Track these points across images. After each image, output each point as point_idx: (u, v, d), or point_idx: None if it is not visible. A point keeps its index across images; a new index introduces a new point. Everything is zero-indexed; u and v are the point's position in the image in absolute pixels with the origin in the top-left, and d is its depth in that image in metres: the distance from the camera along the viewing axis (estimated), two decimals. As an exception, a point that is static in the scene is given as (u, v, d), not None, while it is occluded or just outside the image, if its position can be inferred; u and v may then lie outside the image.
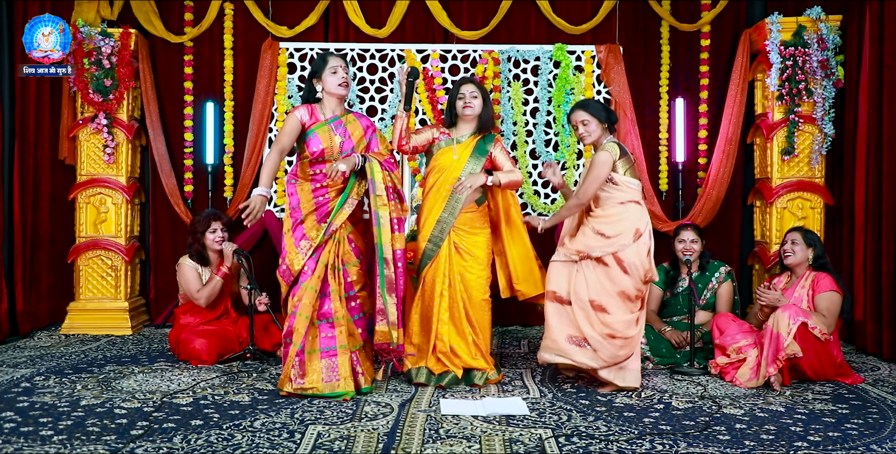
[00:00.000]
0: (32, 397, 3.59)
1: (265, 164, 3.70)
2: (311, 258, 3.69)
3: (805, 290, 4.08)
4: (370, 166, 3.72)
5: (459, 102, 3.98)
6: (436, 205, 3.97)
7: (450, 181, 3.95)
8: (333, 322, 3.68)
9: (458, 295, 3.92)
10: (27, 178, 5.33)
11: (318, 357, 3.65)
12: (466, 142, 4.01)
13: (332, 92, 3.80)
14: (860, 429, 3.17)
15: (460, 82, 4.05)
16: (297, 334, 3.62)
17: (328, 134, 3.77)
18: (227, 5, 5.65)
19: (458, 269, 3.94)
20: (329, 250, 3.72)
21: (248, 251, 5.04)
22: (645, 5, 5.66)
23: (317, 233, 3.71)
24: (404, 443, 2.96)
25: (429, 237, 3.96)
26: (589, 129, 3.85)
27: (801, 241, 4.15)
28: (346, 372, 3.63)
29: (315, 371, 3.62)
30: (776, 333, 3.78)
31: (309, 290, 3.66)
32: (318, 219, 3.74)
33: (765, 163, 5.35)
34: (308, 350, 3.64)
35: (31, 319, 5.36)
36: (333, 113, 3.83)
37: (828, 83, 5.08)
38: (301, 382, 3.61)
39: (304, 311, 3.64)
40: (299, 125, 3.76)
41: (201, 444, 2.92)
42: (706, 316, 4.59)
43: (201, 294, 4.55)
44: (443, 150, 4.01)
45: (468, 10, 5.71)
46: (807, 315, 3.85)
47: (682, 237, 4.62)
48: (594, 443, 2.97)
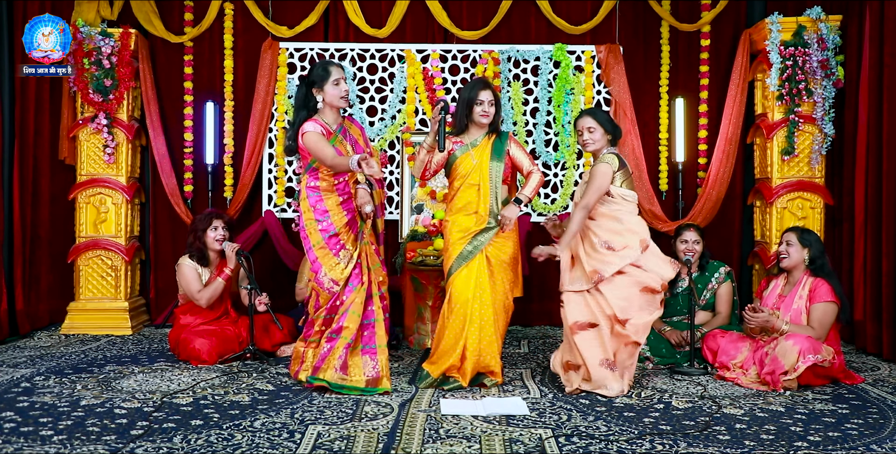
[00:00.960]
0: (32, 397, 3.59)
1: (335, 158, 3.64)
2: (358, 265, 3.81)
3: (803, 302, 3.99)
4: (375, 192, 3.92)
5: (478, 108, 3.88)
6: (466, 213, 3.91)
7: (474, 187, 3.90)
8: (374, 322, 3.81)
9: (488, 301, 3.84)
10: (27, 178, 5.33)
11: (360, 353, 3.76)
12: (481, 145, 3.95)
13: (333, 104, 3.81)
14: (860, 429, 3.17)
15: (479, 86, 3.90)
16: (348, 331, 3.72)
17: (342, 144, 3.82)
18: (227, 5, 5.65)
19: (489, 275, 3.86)
20: (362, 252, 3.84)
21: (248, 251, 5.03)
22: (645, 5, 5.66)
23: (352, 244, 3.81)
24: (404, 443, 2.96)
25: (469, 241, 3.87)
26: (594, 137, 3.84)
27: (796, 242, 4.08)
28: (386, 370, 3.76)
29: (356, 366, 3.73)
30: (781, 364, 3.72)
31: (360, 293, 3.78)
32: (351, 231, 3.83)
33: (765, 163, 5.35)
34: (353, 347, 3.76)
35: (31, 319, 5.36)
36: (336, 122, 3.86)
37: (828, 83, 5.08)
38: (344, 373, 3.71)
39: (356, 309, 3.75)
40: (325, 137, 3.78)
41: (201, 444, 2.92)
42: (706, 316, 4.59)
43: (202, 295, 4.54)
44: (460, 158, 3.94)
45: (468, 10, 5.71)
46: (816, 350, 3.74)
47: (685, 237, 4.62)
48: (594, 443, 2.97)
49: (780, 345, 3.78)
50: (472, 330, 3.80)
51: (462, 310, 3.81)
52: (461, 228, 3.89)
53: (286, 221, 5.63)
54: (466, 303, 3.81)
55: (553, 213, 5.61)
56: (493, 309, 3.85)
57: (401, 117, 5.65)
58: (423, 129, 5.61)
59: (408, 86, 5.62)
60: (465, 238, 3.87)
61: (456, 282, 3.84)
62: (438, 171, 4.00)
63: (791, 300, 4.04)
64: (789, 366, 3.71)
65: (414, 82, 5.61)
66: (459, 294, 3.82)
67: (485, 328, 3.82)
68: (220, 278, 4.55)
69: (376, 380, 3.72)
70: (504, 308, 3.92)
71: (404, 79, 5.63)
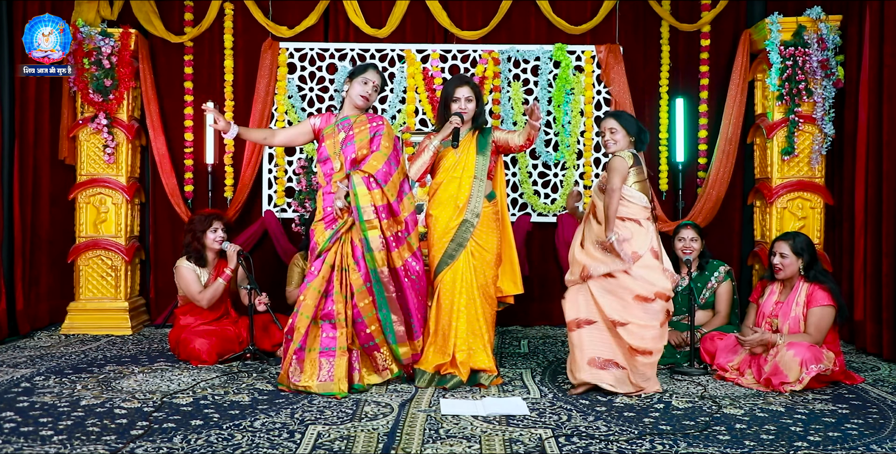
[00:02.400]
0: (32, 397, 3.59)
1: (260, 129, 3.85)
2: (319, 259, 3.78)
3: (801, 308, 3.96)
4: (353, 193, 3.73)
5: (454, 105, 3.98)
6: (446, 206, 3.97)
7: (456, 180, 3.98)
8: (335, 323, 3.74)
9: (475, 295, 3.92)
10: (27, 178, 5.33)
11: (317, 356, 3.71)
12: (464, 140, 4.02)
13: (351, 98, 3.94)
14: (860, 429, 3.17)
15: (455, 83, 4.02)
16: (298, 333, 3.71)
17: (333, 131, 3.89)
18: (227, 5, 5.65)
19: (472, 270, 3.93)
20: (335, 251, 3.79)
21: (248, 251, 5.03)
22: (645, 5, 5.66)
23: (322, 238, 3.81)
24: (404, 443, 2.96)
25: (451, 238, 3.93)
26: (616, 138, 3.84)
27: (789, 253, 4.02)
28: (342, 373, 3.68)
29: (312, 369, 3.68)
30: (785, 374, 3.72)
31: (312, 290, 3.74)
32: (325, 225, 3.84)
33: (765, 163, 5.35)
34: (308, 348, 3.72)
35: (31, 319, 5.36)
36: (346, 114, 3.93)
37: (828, 83, 5.08)
38: (297, 380, 3.68)
39: (305, 311, 3.72)
40: (310, 128, 3.96)
41: (201, 444, 2.92)
42: (706, 315, 4.59)
43: (203, 296, 4.54)
44: (443, 153, 4.04)
45: (468, 10, 5.71)
46: (818, 358, 3.74)
47: (682, 235, 4.62)
48: (594, 443, 2.97)
49: (780, 353, 3.78)
50: (461, 324, 3.88)
51: (448, 306, 3.90)
52: (443, 223, 3.97)
53: (286, 221, 5.64)
54: (453, 299, 3.90)
55: (553, 213, 5.62)
56: (479, 302, 3.92)
57: (401, 117, 5.64)
58: (423, 129, 5.62)
59: (408, 86, 5.62)
60: (447, 233, 3.95)
61: (444, 279, 3.94)
62: (429, 170, 4.07)
63: (788, 308, 4.01)
64: (794, 378, 3.71)
65: (414, 82, 5.61)
66: (447, 291, 3.92)
67: (472, 322, 3.90)
68: (220, 279, 4.55)
69: (329, 384, 3.65)
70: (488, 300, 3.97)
71: (404, 79, 5.63)
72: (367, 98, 3.91)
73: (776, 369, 3.75)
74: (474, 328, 3.90)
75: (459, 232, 3.93)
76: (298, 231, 5.54)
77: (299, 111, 5.61)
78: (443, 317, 3.92)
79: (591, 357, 3.70)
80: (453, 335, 3.87)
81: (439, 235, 3.97)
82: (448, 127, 3.91)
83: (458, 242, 3.93)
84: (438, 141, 3.94)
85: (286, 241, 5.56)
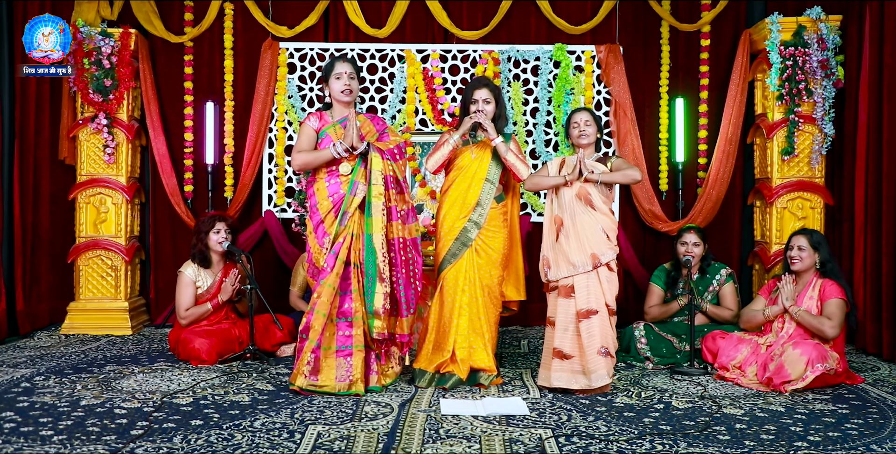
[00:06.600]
0: (32, 397, 3.59)
1: (306, 157, 3.79)
2: (331, 254, 3.71)
3: (814, 302, 4.00)
4: (371, 156, 3.74)
5: (473, 107, 4.00)
6: (455, 203, 3.98)
7: (468, 179, 3.99)
8: (352, 321, 3.71)
9: (478, 293, 3.93)
10: (27, 178, 5.33)
11: (334, 355, 3.69)
12: (483, 142, 4.05)
13: (336, 98, 3.90)
14: (860, 429, 3.17)
15: (473, 86, 4.04)
16: (314, 331, 3.65)
17: (335, 129, 3.87)
18: (227, 5, 5.65)
19: (476, 268, 3.95)
20: (347, 247, 3.72)
21: (248, 251, 5.03)
22: (645, 5, 5.66)
23: (332, 225, 3.76)
24: (404, 443, 2.96)
25: (456, 236, 3.95)
26: (589, 132, 3.98)
27: (807, 246, 4.07)
28: (359, 373, 3.67)
29: (329, 369, 3.67)
30: (787, 372, 3.72)
31: (327, 288, 3.68)
32: (334, 214, 3.78)
33: (765, 163, 5.35)
34: (324, 347, 3.68)
35: (31, 319, 5.36)
36: (344, 115, 3.89)
37: (828, 83, 5.08)
38: (314, 379, 3.65)
39: (321, 309, 3.67)
40: (313, 132, 3.89)
41: (201, 444, 2.92)
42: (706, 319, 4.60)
43: (188, 314, 4.52)
44: (460, 151, 4.05)
45: (468, 10, 5.71)
46: (824, 357, 3.75)
47: (685, 239, 4.63)
48: (594, 443, 2.97)
49: (786, 352, 3.78)
50: (462, 321, 3.89)
51: (451, 303, 3.91)
52: (450, 220, 3.98)
53: (286, 221, 5.64)
54: (455, 296, 3.91)
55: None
56: (482, 301, 3.93)
57: (401, 117, 5.64)
58: (422, 129, 5.62)
59: (408, 86, 5.62)
60: (452, 231, 3.96)
61: (447, 276, 3.95)
62: (445, 164, 4.07)
63: (801, 301, 4.04)
64: (797, 376, 3.71)
65: (414, 82, 5.61)
66: (450, 288, 3.93)
67: (473, 319, 3.91)
68: (209, 304, 4.54)
69: (349, 384, 3.66)
70: (493, 301, 3.98)
71: (404, 79, 5.63)
72: (349, 90, 3.85)
73: (780, 367, 3.76)
74: (476, 326, 3.91)
75: (464, 231, 3.95)
76: (298, 231, 5.54)
77: (299, 111, 5.61)
78: (444, 314, 3.93)
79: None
80: (454, 332, 3.88)
81: (446, 232, 3.99)
82: (468, 122, 3.94)
83: (462, 241, 3.95)
84: (458, 136, 3.97)
85: (286, 241, 5.56)
